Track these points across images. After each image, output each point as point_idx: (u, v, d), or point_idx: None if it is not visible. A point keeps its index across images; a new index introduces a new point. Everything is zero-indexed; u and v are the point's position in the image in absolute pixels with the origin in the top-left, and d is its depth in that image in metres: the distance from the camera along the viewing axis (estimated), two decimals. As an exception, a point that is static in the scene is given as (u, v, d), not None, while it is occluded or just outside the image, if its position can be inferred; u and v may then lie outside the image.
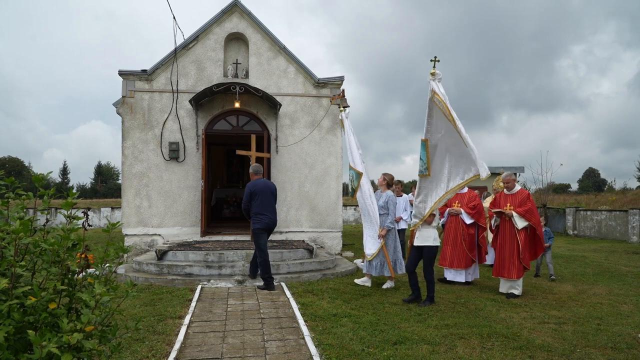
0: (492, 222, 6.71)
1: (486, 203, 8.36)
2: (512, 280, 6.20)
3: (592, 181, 53.29)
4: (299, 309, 5.32)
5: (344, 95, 9.96)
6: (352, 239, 14.25)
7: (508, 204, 6.42)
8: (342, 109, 7.91)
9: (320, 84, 10.26)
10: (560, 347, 4.11)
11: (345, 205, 22.15)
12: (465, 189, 7.48)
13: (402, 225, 9.20)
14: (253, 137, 9.15)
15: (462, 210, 7.19)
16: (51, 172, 2.60)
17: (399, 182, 9.63)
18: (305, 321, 4.83)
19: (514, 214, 6.28)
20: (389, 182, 6.99)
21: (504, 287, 6.34)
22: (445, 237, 7.34)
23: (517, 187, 6.56)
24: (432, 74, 5.66)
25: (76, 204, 2.46)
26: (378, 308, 5.47)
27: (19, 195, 2.43)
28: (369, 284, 6.84)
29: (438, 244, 5.89)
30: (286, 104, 10.05)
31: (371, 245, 6.83)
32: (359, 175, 7.04)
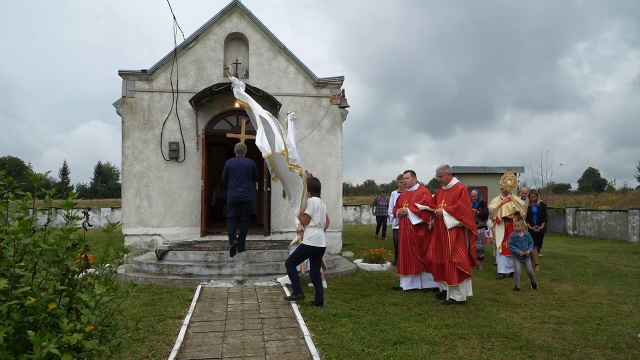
0: (430, 224, 6.19)
1: (493, 204, 8.16)
2: (453, 285, 5.69)
3: (592, 181, 53.27)
4: (299, 309, 5.32)
5: (343, 95, 9.96)
6: (352, 239, 14.25)
7: (443, 201, 5.88)
8: (289, 112, 8.06)
9: (320, 84, 10.26)
10: (560, 347, 4.11)
11: (345, 205, 22.14)
12: (416, 186, 6.69)
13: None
14: (243, 122, 9.20)
15: (408, 211, 6.43)
16: (49, 171, 2.59)
17: (401, 175, 9.32)
18: (305, 321, 4.83)
19: (444, 212, 5.73)
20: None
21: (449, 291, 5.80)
22: (399, 241, 6.72)
23: (454, 182, 5.99)
24: (231, 83, 6.09)
25: (76, 204, 2.45)
26: (378, 308, 5.47)
27: (18, 195, 2.43)
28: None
29: (315, 244, 5.53)
30: (286, 104, 10.05)
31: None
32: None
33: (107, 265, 2.51)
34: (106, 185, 54.98)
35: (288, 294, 6.06)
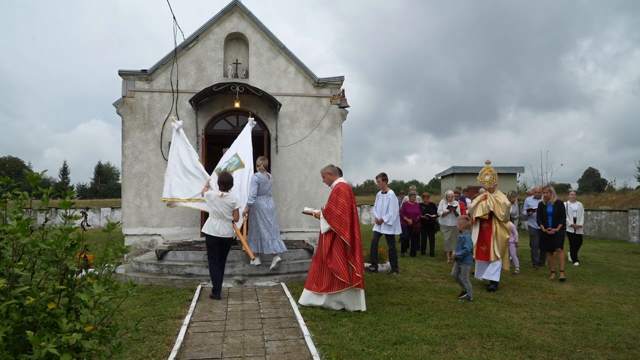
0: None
1: (472, 203, 7.46)
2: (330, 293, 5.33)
3: (592, 181, 53.30)
4: (299, 309, 5.32)
5: (343, 95, 9.96)
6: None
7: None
8: (250, 116, 8.49)
9: (320, 84, 10.25)
10: (560, 347, 4.11)
11: (345, 205, 22.09)
12: (335, 182, 5.66)
13: (384, 229, 7.92)
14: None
15: (321, 214, 5.57)
16: (46, 170, 2.59)
17: (383, 174, 8.35)
18: (305, 321, 4.82)
19: (321, 215, 5.42)
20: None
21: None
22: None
23: (335, 183, 5.56)
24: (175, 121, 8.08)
25: (74, 204, 2.45)
26: (378, 308, 5.46)
27: (16, 195, 2.42)
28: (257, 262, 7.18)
29: (210, 233, 5.91)
30: (286, 104, 10.05)
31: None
32: (240, 164, 7.93)
33: (107, 265, 2.50)
34: (106, 185, 55.01)
35: (288, 294, 6.06)
